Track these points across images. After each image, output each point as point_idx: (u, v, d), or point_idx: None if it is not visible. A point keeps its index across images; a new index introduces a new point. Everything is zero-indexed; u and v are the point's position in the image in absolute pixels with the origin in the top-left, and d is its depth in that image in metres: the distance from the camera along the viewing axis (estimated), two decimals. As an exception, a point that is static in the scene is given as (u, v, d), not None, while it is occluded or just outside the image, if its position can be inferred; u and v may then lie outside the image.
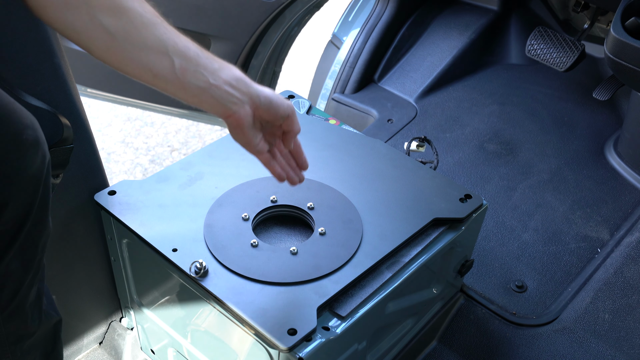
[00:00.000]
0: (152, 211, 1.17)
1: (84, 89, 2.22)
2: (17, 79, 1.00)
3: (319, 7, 2.09)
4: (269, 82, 2.23)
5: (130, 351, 1.41)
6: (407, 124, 2.02)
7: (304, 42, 3.33)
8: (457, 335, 1.43)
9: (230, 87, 0.89)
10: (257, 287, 1.06)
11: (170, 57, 0.84)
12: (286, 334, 0.98)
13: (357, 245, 1.13)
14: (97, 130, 3.00)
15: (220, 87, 0.88)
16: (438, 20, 2.31)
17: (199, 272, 1.05)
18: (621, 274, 1.57)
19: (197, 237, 1.13)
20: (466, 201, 1.25)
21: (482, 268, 1.57)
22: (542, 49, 2.07)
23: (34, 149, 0.84)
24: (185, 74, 0.85)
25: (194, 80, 0.86)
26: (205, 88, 0.87)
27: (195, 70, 0.86)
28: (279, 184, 1.24)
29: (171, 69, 0.84)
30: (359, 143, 1.38)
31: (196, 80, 0.86)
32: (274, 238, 1.18)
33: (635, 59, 1.55)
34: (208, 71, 0.87)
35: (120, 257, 1.25)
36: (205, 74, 0.86)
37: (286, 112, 0.95)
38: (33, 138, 0.83)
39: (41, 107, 1.02)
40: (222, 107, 0.90)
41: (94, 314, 1.39)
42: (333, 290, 1.06)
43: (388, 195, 1.25)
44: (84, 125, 1.16)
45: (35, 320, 0.97)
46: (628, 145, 1.88)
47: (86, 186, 1.21)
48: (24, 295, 0.92)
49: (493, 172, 1.86)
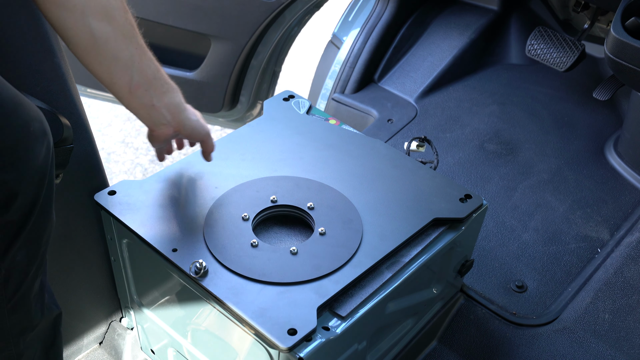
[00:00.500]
0: (152, 211, 1.17)
1: (84, 89, 2.23)
2: (17, 79, 1.00)
3: (319, 7, 2.09)
4: (269, 82, 2.23)
5: (130, 351, 1.41)
6: (407, 124, 2.02)
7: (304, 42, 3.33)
8: (457, 335, 1.43)
9: (167, 111, 1.05)
10: (257, 287, 1.06)
11: (131, 74, 0.98)
12: (286, 334, 0.98)
13: (357, 245, 1.13)
14: (97, 130, 3.00)
15: (159, 109, 1.04)
16: (438, 20, 2.31)
17: (199, 272, 1.05)
18: (621, 274, 1.57)
19: (197, 237, 1.13)
20: (466, 201, 1.25)
21: (482, 268, 1.57)
22: (542, 49, 2.07)
23: (41, 140, 0.87)
24: (137, 91, 1.00)
25: (141, 98, 1.01)
26: (147, 107, 1.03)
27: (146, 90, 1.01)
28: (279, 184, 1.24)
29: (128, 83, 0.98)
30: (359, 143, 1.38)
31: (143, 98, 1.01)
32: (273, 238, 1.18)
33: (635, 59, 1.55)
34: (156, 93, 1.02)
35: (120, 257, 1.25)
36: (153, 95, 1.02)
37: (202, 138, 1.16)
38: (40, 130, 0.87)
39: (41, 107, 1.02)
40: (152, 124, 1.07)
41: (94, 314, 1.39)
42: (333, 290, 1.06)
43: (388, 195, 1.25)
44: (84, 125, 1.16)
45: (37, 313, 0.99)
46: (628, 145, 1.88)
47: (86, 186, 1.21)
48: (29, 287, 0.93)
49: (493, 172, 1.86)
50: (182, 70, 2.09)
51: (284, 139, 1.37)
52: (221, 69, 2.07)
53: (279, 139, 1.37)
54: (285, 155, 1.33)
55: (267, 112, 1.45)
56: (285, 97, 1.49)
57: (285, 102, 1.48)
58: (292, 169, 1.29)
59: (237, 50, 2.03)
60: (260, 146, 1.34)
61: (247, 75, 2.13)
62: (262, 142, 1.36)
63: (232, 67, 2.07)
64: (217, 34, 2.01)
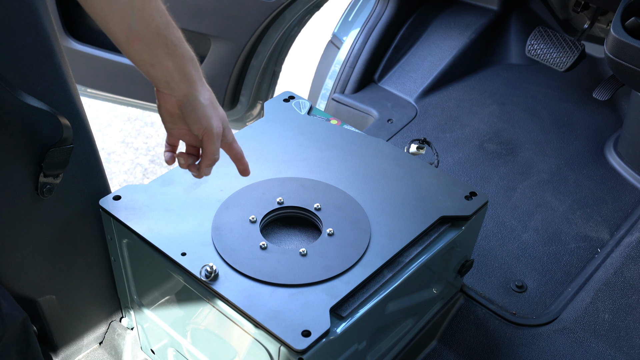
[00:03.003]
0: (159, 215, 1.17)
1: (84, 89, 2.23)
2: (17, 79, 1.00)
3: (319, 7, 2.09)
4: (269, 82, 2.23)
5: (130, 351, 1.41)
6: (407, 124, 2.02)
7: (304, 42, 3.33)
8: (457, 335, 1.43)
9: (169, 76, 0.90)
10: (269, 290, 1.06)
11: (130, 21, 0.84)
12: (300, 335, 0.98)
13: (366, 245, 1.13)
14: (97, 130, 3.00)
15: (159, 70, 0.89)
16: (438, 20, 2.31)
17: (210, 276, 1.05)
18: (621, 274, 1.57)
19: (206, 241, 1.13)
20: (471, 199, 1.25)
21: (482, 268, 1.57)
22: (542, 49, 2.07)
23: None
24: (135, 44, 0.86)
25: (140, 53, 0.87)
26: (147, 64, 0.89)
27: (146, 46, 0.86)
28: (285, 185, 1.24)
29: (125, 31, 0.85)
30: (361, 143, 1.38)
31: (142, 53, 0.87)
32: (282, 240, 1.18)
33: (635, 59, 1.55)
34: (158, 52, 0.87)
35: (120, 257, 1.25)
36: (154, 53, 0.87)
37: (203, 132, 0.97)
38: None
39: (41, 108, 1.02)
40: (154, 84, 0.93)
41: (94, 314, 1.39)
42: (344, 291, 1.06)
43: (394, 194, 1.25)
44: (84, 126, 1.16)
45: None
46: (628, 145, 1.88)
47: (86, 186, 1.21)
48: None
49: (493, 172, 1.86)
50: (182, 70, 2.09)
51: (286, 140, 1.37)
52: (221, 69, 2.07)
53: (282, 140, 1.37)
54: (289, 156, 1.33)
55: (268, 114, 1.44)
56: (286, 98, 1.49)
57: (286, 103, 1.48)
58: (296, 170, 1.29)
59: (237, 50, 2.03)
60: (263, 148, 1.34)
61: (247, 75, 2.13)
62: (264, 143, 1.36)
63: (232, 67, 2.07)
64: (217, 34, 2.01)
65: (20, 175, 1.08)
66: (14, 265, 1.16)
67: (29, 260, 1.18)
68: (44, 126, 1.07)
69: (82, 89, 2.22)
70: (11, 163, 1.05)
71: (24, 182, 1.08)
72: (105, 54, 2.11)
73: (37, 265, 1.20)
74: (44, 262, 1.21)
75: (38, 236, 1.17)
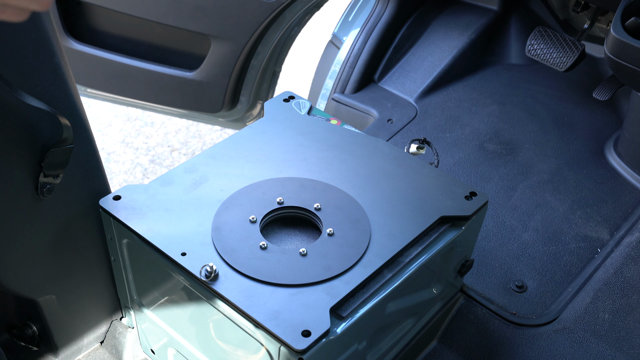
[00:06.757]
0: (159, 215, 1.17)
1: (84, 89, 2.23)
2: (17, 79, 1.00)
3: (319, 7, 2.09)
4: (269, 82, 2.23)
5: (131, 350, 1.42)
6: (407, 124, 2.02)
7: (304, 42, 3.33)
8: (457, 335, 1.43)
9: None
10: (269, 290, 1.06)
11: None
12: (300, 335, 0.98)
13: (365, 245, 1.13)
14: (97, 130, 3.00)
15: None
16: (438, 20, 2.31)
17: (210, 276, 1.05)
18: (621, 274, 1.57)
19: (205, 241, 1.13)
20: (471, 199, 1.25)
21: (482, 268, 1.57)
22: (542, 49, 2.07)
23: None
24: None
25: None
26: None
27: None
28: (285, 185, 1.24)
29: None
30: (361, 143, 1.38)
31: None
32: (282, 240, 1.19)
33: (635, 59, 1.55)
34: None
35: (120, 257, 1.25)
36: None
37: None
38: None
39: (41, 108, 1.02)
40: None
41: (94, 314, 1.39)
42: (345, 291, 1.06)
43: (394, 194, 1.25)
44: (84, 126, 1.16)
45: None
46: (628, 145, 1.88)
47: (86, 186, 1.21)
48: None
49: (493, 172, 1.86)
50: (182, 70, 2.09)
51: (286, 140, 1.37)
52: (221, 69, 2.07)
53: (282, 140, 1.37)
54: (289, 156, 1.33)
55: (268, 113, 1.44)
56: (286, 98, 1.49)
57: (286, 103, 1.48)
58: (296, 170, 1.29)
59: (237, 50, 2.03)
60: (263, 148, 1.34)
61: (247, 75, 2.13)
62: (264, 143, 1.36)
63: (232, 67, 2.07)
64: (217, 34, 2.01)
65: (20, 175, 1.08)
66: (14, 265, 1.16)
67: (29, 260, 1.18)
68: (44, 126, 1.07)
69: (82, 89, 2.22)
70: (11, 163, 1.05)
71: (24, 182, 1.09)
72: (105, 54, 2.11)
73: (37, 265, 1.20)
74: (44, 262, 1.21)
75: (38, 236, 1.17)
